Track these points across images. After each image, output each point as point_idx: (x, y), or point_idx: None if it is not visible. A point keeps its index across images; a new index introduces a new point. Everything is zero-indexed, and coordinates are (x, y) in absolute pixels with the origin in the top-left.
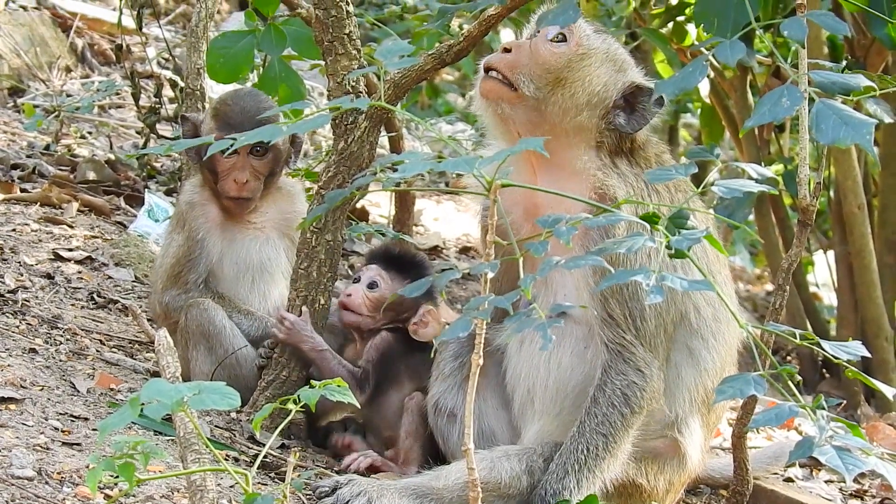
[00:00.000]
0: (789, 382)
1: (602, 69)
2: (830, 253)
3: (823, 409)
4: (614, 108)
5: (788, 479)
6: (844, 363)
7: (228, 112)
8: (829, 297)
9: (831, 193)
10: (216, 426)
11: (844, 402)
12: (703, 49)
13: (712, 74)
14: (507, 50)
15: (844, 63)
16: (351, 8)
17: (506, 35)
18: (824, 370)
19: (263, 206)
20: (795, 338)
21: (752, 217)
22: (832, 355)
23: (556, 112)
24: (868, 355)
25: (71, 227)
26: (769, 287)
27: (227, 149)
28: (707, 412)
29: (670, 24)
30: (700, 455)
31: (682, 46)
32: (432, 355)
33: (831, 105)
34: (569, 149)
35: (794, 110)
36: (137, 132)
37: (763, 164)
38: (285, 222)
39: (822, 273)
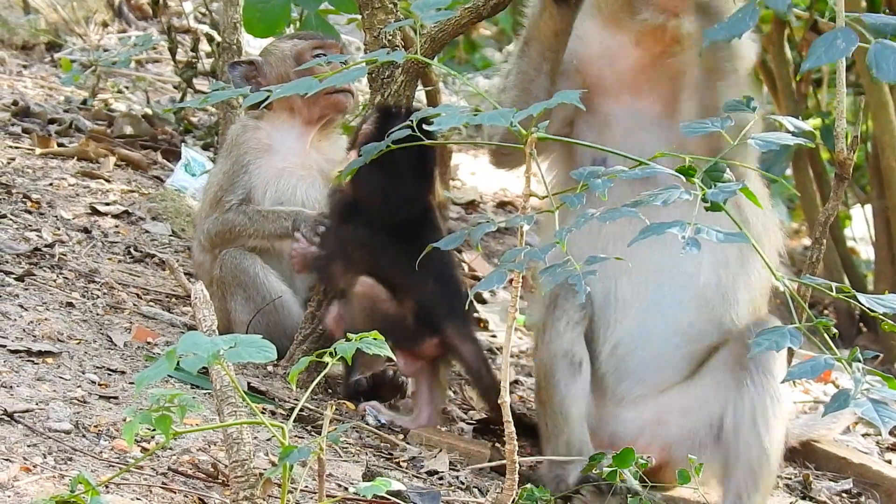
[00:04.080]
0: (825, 335)
1: None
2: (868, 207)
3: (859, 361)
4: None
5: None
6: (881, 316)
7: (303, 31)
8: (866, 252)
9: (869, 147)
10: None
11: (881, 355)
12: None
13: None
14: None
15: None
16: None
17: None
18: (861, 324)
19: (312, 148)
20: (832, 291)
21: (789, 171)
22: (869, 308)
23: None
24: None
25: (108, 181)
26: (806, 241)
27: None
28: None
29: None
30: None
31: None
32: None
33: (888, 44)
34: None
35: (849, 52)
36: (174, 87)
37: (801, 118)
38: (330, 167)
39: (860, 227)
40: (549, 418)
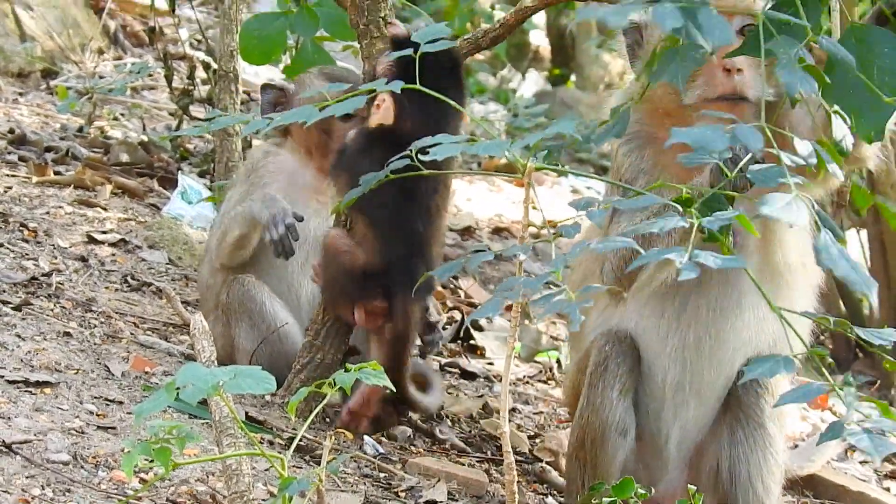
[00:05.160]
0: (821, 364)
1: None
2: (863, 232)
3: (851, 386)
4: None
5: None
6: (880, 352)
7: (337, 71)
8: None
9: (864, 172)
10: (251, 407)
11: (878, 381)
12: None
13: None
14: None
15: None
16: None
17: (539, 20)
18: (857, 350)
19: (328, 185)
20: (829, 322)
21: None
22: (866, 341)
23: None
24: None
25: (104, 209)
26: None
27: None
28: None
29: None
30: None
31: None
32: None
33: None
34: None
35: None
36: (170, 114)
37: None
38: None
39: (855, 251)
40: (590, 479)
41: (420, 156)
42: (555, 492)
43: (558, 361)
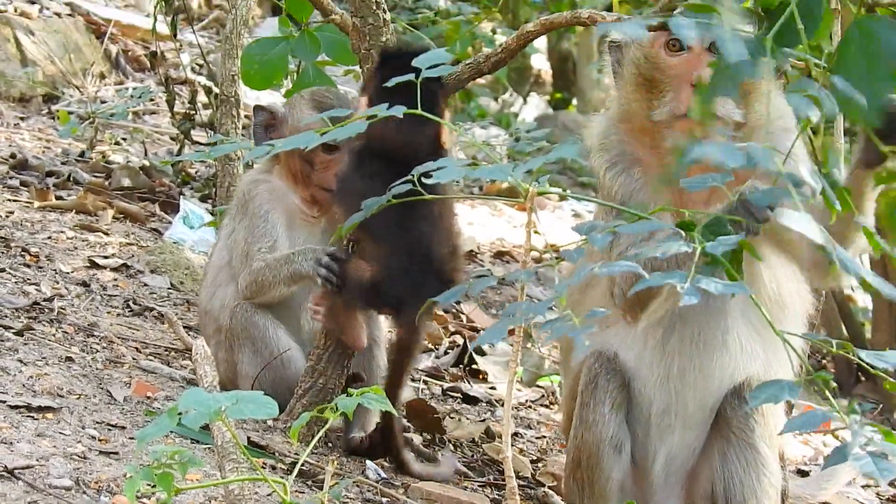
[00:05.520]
0: (825, 389)
1: None
2: (865, 256)
3: (857, 414)
4: None
5: None
6: (882, 374)
7: (327, 96)
8: (863, 300)
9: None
10: (253, 431)
11: (881, 405)
12: None
13: None
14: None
15: None
16: (388, 16)
17: (541, 44)
18: (860, 373)
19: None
20: (832, 346)
21: None
22: (870, 364)
23: None
24: None
25: (106, 234)
26: None
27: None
28: None
29: None
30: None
31: None
32: None
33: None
34: None
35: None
36: (172, 138)
37: None
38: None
39: None
40: (588, 499)
41: (422, 178)
42: None
43: (560, 386)
